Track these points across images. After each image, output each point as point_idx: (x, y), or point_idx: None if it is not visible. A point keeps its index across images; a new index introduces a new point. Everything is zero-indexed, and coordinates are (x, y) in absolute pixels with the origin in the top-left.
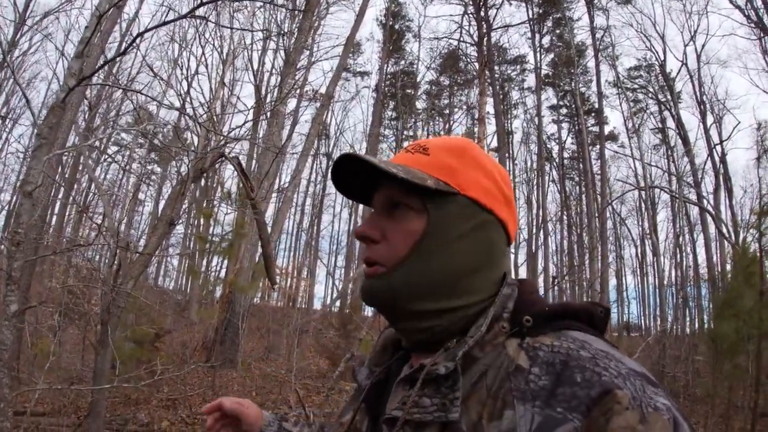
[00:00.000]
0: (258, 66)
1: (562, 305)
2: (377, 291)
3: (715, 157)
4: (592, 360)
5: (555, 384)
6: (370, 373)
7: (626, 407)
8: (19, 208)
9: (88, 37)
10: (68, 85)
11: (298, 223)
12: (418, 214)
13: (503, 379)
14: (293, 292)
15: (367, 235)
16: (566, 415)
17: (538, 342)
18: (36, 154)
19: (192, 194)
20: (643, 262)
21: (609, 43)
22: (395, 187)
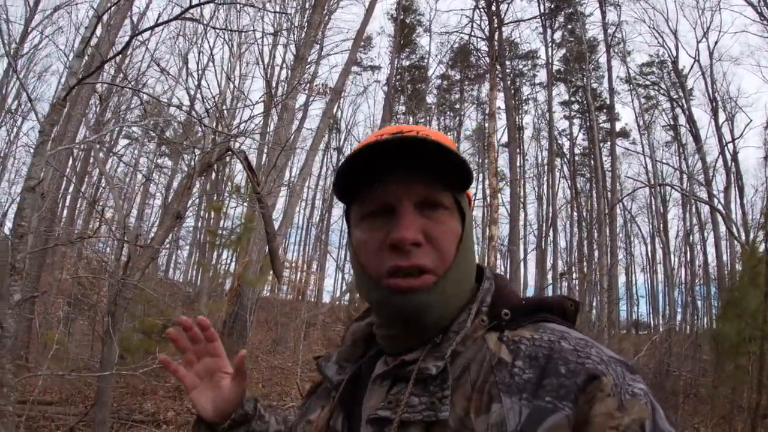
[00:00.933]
0: (268, 60)
1: (537, 299)
2: (434, 305)
3: (726, 156)
4: (573, 351)
5: (541, 376)
6: (339, 368)
7: (608, 394)
8: (22, 203)
9: (88, 36)
10: (69, 84)
11: (308, 218)
12: (452, 213)
13: (487, 372)
14: (302, 285)
15: (418, 239)
16: (556, 404)
17: (518, 335)
18: (38, 150)
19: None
20: (652, 260)
21: (621, 38)
22: (430, 183)
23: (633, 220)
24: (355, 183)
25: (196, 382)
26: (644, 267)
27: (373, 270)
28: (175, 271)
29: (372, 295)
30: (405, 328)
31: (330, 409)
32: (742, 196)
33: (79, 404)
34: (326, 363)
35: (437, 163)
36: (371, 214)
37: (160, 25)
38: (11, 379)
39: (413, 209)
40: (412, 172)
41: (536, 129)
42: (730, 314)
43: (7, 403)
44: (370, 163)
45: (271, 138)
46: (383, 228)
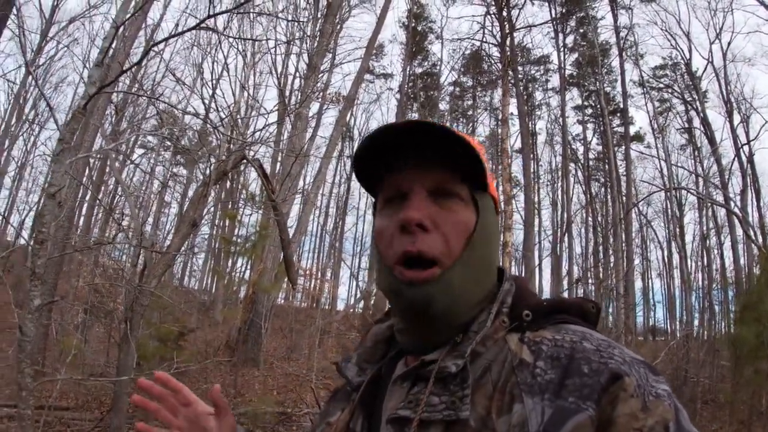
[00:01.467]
0: (282, 69)
1: (557, 300)
2: (439, 298)
3: (742, 158)
4: (596, 351)
5: (563, 376)
6: (360, 370)
7: (631, 395)
8: (42, 209)
9: (107, 47)
10: (89, 93)
11: (322, 225)
12: (466, 205)
13: (508, 373)
14: (317, 293)
15: (424, 222)
16: (579, 404)
17: (539, 336)
18: (59, 158)
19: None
20: (669, 265)
21: (633, 42)
22: (447, 173)
23: (649, 225)
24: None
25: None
26: (661, 272)
27: (388, 256)
28: (191, 279)
29: (384, 281)
30: (415, 319)
31: (350, 411)
32: (759, 198)
33: (95, 410)
34: (346, 364)
35: (452, 153)
36: (388, 201)
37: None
38: (30, 383)
39: (425, 195)
40: (427, 160)
41: (549, 134)
42: (747, 318)
43: (27, 407)
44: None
45: (285, 146)
46: (396, 213)
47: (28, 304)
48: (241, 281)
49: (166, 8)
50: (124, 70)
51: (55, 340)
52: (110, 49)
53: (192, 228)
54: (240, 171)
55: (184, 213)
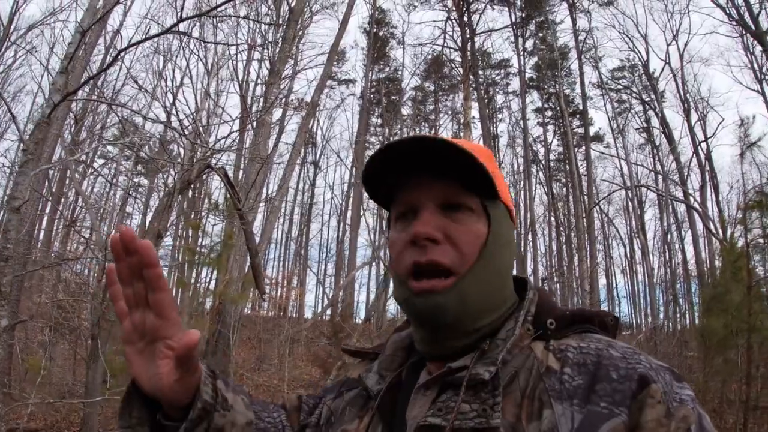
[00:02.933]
0: (243, 76)
1: (580, 310)
2: (450, 306)
3: (700, 155)
4: (623, 358)
5: (592, 381)
6: (380, 378)
7: (658, 401)
8: (6, 224)
9: (72, 52)
10: (53, 100)
11: (286, 233)
12: (479, 217)
13: (536, 380)
14: (284, 301)
15: (433, 235)
16: (612, 410)
17: (564, 344)
18: (23, 170)
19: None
20: (632, 261)
21: (592, 44)
22: (453, 186)
23: (611, 223)
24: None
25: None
26: (624, 268)
27: (400, 269)
28: None
29: (399, 293)
30: (428, 328)
31: (369, 419)
32: (717, 193)
33: (65, 430)
34: (367, 374)
35: (459, 166)
36: (400, 216)
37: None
38: (0, 408)
39: (435, 209)
40: (436, 173)
41: (511, 137)
42: (715, 309)
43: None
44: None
45: (248, 154)
46: (407, 228)
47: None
48: (207, 292)
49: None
50: (91, 77)
51: (20, 359)
52: (76, 54)
53: (157, 239)
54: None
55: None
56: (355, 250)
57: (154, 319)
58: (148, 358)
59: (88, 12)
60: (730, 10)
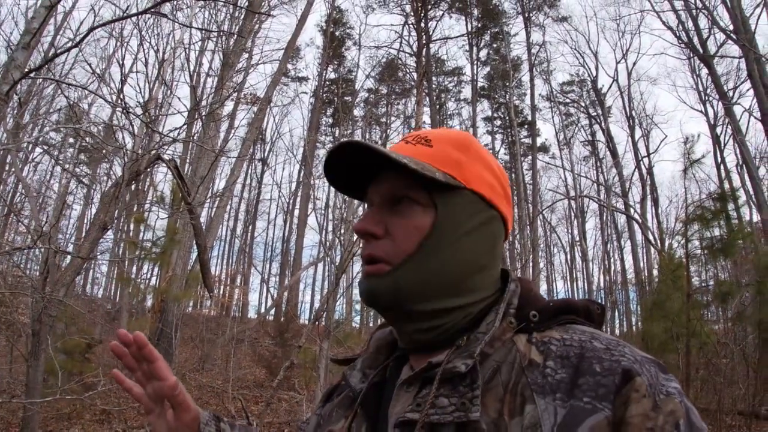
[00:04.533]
0: (195, 67)
1: (564, 301)
2: (382, 291)
3: (642, 169)
4: (606, 350)
5: (575, 375)
6: (363, 376)
7: (643, 395)
8: None
9: (37, 28)
10: (13, 77)
11: (231, 230)
12: (425, 209)
13: (518, 374)
14: (227, 300)
15: (370, 230)
16: (595, 405)
17: (547, 336)
18: None
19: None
20: (572, 268)
21: (544, 58)
22: (400, 180)
23: (553, 231)
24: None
25: (152, 406)
26: (564, 275)
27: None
28: (93, 286)
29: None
30: (375, 310)
31: (353, 417)
32: (657, 206)
33: (2, 431)
34: (351, 372)
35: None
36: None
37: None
38: None
39: (382, 204)
40: (387, 172)
41: None
42: (656, 315)
43: None
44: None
45: (201, 145)
46: None
47: None
48: (148, 288)
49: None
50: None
51: None
52: (40, 30)
53: (102, 231)
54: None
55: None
56: (301, 249)
57: (159, 384)
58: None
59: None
60: (680, 33)
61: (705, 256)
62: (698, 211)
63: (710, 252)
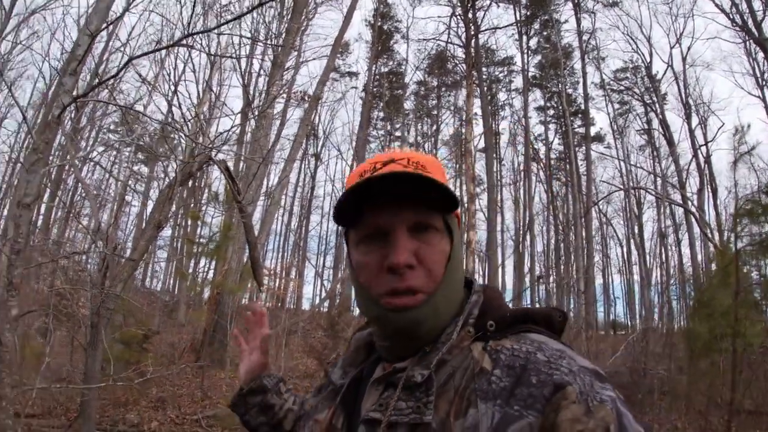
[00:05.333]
0: (246, 67)
1: (523, 310)
2: (423, 320)
3: (699, 158)
4: (546, 363)
5: (514, 385)
6: (343, 373)
7: (573, 401)
8: (18, 219)
9: (81, 55)
10: (63, 102)
11: (286, 224)
12: (441, 234)
13: (468, 380)
14: (282, 292)
15: (410, 263)
16: (522, 412)
17: (500, 345)
18: (33, 168)
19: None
20: (628, 262)
21: (595, 45)
22: (421, 207)
23: (608, 223)
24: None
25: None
26: (620, 268)
27: (373, 289)
28: (153, 280)
29: (371, 311)
30: (401, 340)
31: (333, 410)
32: (715, 197)
33: (61, 416)
34: (333, 368)
35: (426, 189)
36: (367, 237)
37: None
38: (9, 392)
39: (406, 232)
40: (403, 198)
41: (512, 134)
42: (701, 314)
43: (7, 417)
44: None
45: (249, 147)
46: (379, 251)
47: (6, 314)
48: (205, 282)
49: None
50: (100, 82)
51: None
52: (85, 57)
53: (157, 230)
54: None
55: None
56: None
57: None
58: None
59: (96, 14)
60: (734, 15)
61: (756, 253)
62: (749, 205)
63: (760, 248)
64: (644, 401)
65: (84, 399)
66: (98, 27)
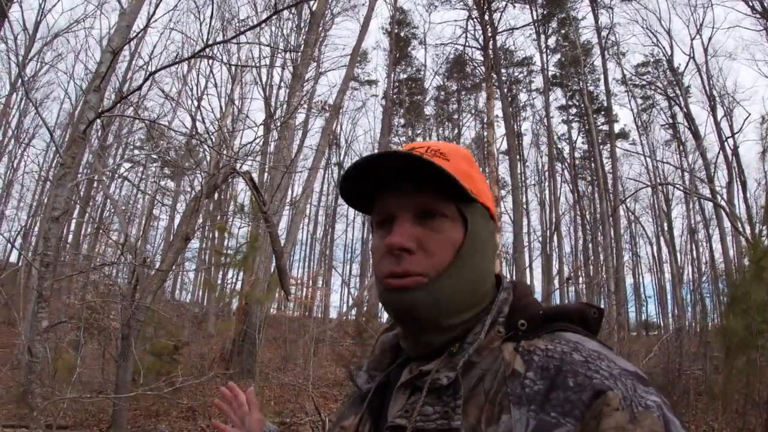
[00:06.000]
0: (267, 79)
1: (555, 308)
2: (421, 303)
3: (727, 151)
4: (584, 363)
5: (549, 389)
6: (369, 377)
7: (616, 408)
8: (47, 233)
9: (104, 72)
10: (87, 118)
11: (311, 233)
12: (453, 222)
13: (500, 383)
14: (309, 301)
15: (406, 245)
16: (560, 420)
17: (533, 345)
18: (61, 182)
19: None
20: (659, 260)
21: (614, 40)
22: (429, 193)
23: (637, 221)
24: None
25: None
26: (651, 267)
27: (379, 272)
28: (182, 292)
29: (377, 292)
30: (404, 324)
31: (360, 416)
32: (745, 190)
33: (93, 427)
34: (358, 372)
35: (435, 175)
36: (380, 223)
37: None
38: (40, 403)
39: (410, 218)
40: (412, 183)
41: (535, 135)
42: (736, 310)
43: (38, 427)
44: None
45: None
46: (386, 236)
47: (36, 326)
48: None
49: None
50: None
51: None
52: (108, 74)
53: (185, 242)
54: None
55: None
56: None
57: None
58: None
59: (117, 32)
60: (753, 2)
61: None
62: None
63: None
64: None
65: (115, 409)
66: (120, 44)
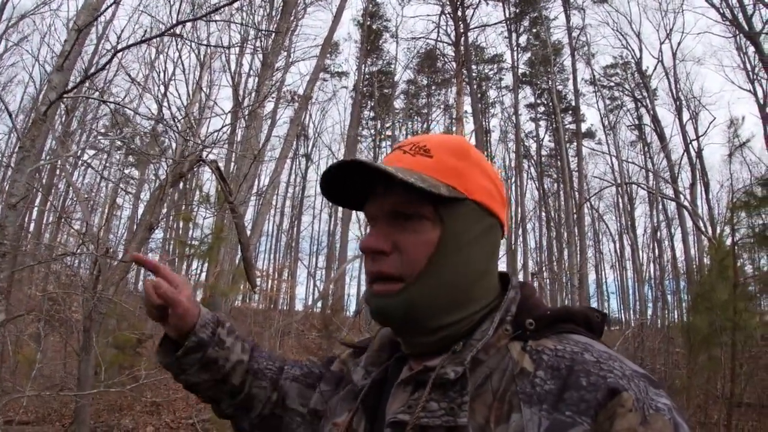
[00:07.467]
0: (235, 67)
1: (562, 309)
2: (394, 310)
3: (691, 153)
4: (596, 363)
5: (562, 388)
6: (366, 373)
7: (629, 409)
8: (4, 220)
9: (68, 51)
10: (49, 98)
11: (277, 225)
12: (432, 223)
13: (508, 382)
14: (274, 293)
15: (379, 248)
16: (575, 419)
17: (541, 345)
18: (20, 167)
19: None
20: (621, 257)
21: (585, 41)
22: (404, 195)
23: (601, 219)
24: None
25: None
26: (613, 264)
27: (366, 275)
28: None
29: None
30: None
31: (353, 413)
32: (707, 192)
33: (56, 422)
34: (355, 368)
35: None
36: (369, 226)
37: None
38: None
39: (387, 220)
40: (391, 186)
41: (503, 132)
42: (700, 307)
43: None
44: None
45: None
46: None
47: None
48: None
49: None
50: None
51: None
52: (71, 52)
53: (149, 232)
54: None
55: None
56: (346, 243)
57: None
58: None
59: (83, 9)
60: (724, 10)
61: (754, 245)
62: (745, 197)
63: (757, 240)
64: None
65: (78, 405)
66: (86, 22)
